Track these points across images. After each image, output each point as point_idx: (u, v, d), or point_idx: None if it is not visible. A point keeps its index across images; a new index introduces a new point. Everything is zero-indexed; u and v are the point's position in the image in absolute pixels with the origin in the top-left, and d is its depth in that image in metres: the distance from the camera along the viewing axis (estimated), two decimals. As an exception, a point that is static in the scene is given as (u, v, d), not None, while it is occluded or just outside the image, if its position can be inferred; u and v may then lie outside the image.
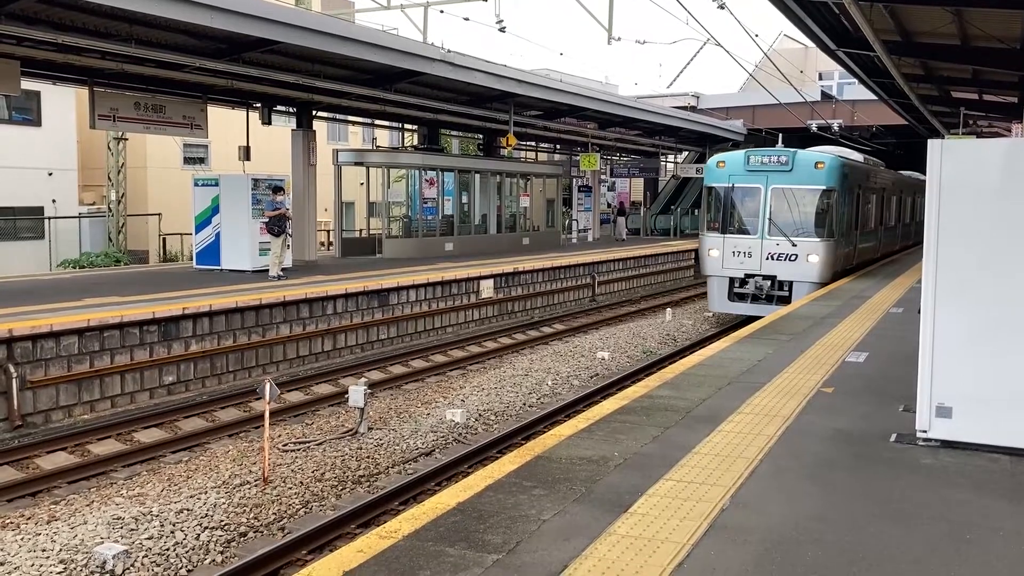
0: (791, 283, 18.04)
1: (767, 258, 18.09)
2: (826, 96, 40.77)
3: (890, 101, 25.69)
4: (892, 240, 27.26)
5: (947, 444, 6.37)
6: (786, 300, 17.55)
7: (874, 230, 23.47)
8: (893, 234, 27.36)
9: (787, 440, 6.57)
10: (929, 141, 6.34)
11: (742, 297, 18.53)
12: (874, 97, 26.56)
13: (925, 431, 6.43)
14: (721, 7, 17.49)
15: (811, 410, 7.50)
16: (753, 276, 18.26)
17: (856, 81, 23.99)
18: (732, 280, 18.54)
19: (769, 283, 18.21)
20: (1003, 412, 6.18)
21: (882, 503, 5.31)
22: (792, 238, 17.89)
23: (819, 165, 17.93)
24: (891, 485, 5.64)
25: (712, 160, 19.24)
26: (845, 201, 18.85)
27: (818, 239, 17.97)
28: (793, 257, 17.92)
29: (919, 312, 6.40)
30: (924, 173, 6.44)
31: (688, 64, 62.11)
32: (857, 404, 7.72)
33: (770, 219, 18.09)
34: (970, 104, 23.15)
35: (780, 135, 22.00)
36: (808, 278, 17.95)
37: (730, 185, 18.45)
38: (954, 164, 6.21)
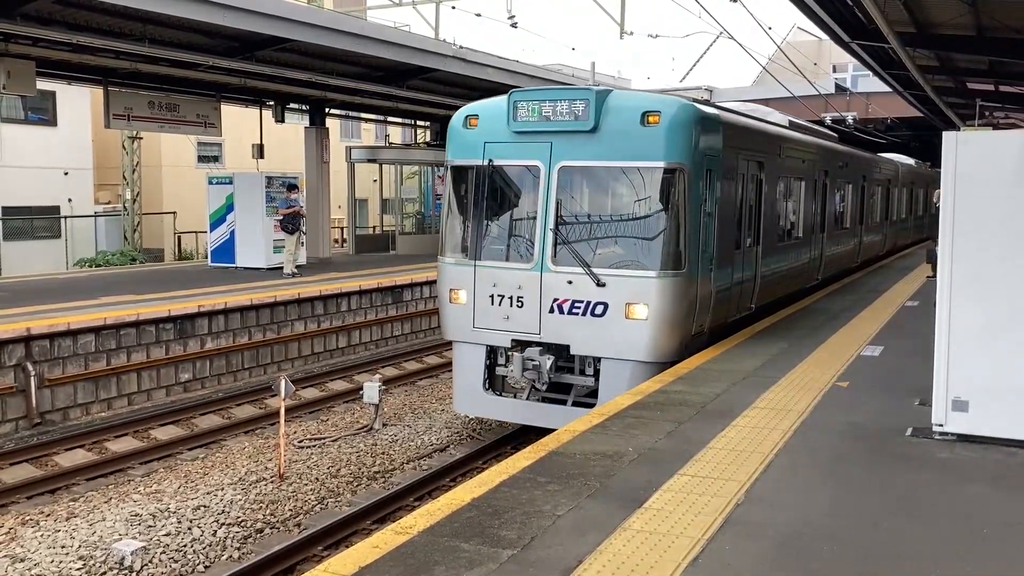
0: (597, 361, 9.40)
1: (552, 309, 9.37)
2: (840, 89, 40.45)
3: (905, 93, 25.48)
4: (845, 254, 17.72)
5: (963, 438, 6.33)
6: (591, 396, 9.40)
7: (803, 241, 14.13)
8: (848, 244, 17.89)
9: (802, 435, 6.54)
10: (944, 133, 6.28)
11: (513, 387, 10.33)
12: (889, 89, 26.34)
13: (941, 425, 6.40)
14: (733, 0, 17.35)
15: (826, 405, 7.46)
16: (527, 344, 9.57)
17: (870, 74, 23.80)
18: (492, 353, 9.91)
19: (552, 361, 9.38)
20: (1020, 405, 6.14)
21: (898, 498, 5.29)
22: (598, 270, 9.21)
23: (651, 118, 9.06)
24: (907, 480, 5.61)
25: (459, 115, 10.32)
26: (714, 191, 9.82)
27: (651, 272, 9.10)
28: (599, 309, 9.19)
29: (935, 305, 6.37)
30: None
31: (701, 58, 61.99)
32: (872, 398, 7.68)
33: (555, 230, 9.38)
34: (986, 95, 22.92)
35: None
36: (630, 353, 9.15)
37: (485, 163, 9.81)
38: (970, 156, 6.15)
